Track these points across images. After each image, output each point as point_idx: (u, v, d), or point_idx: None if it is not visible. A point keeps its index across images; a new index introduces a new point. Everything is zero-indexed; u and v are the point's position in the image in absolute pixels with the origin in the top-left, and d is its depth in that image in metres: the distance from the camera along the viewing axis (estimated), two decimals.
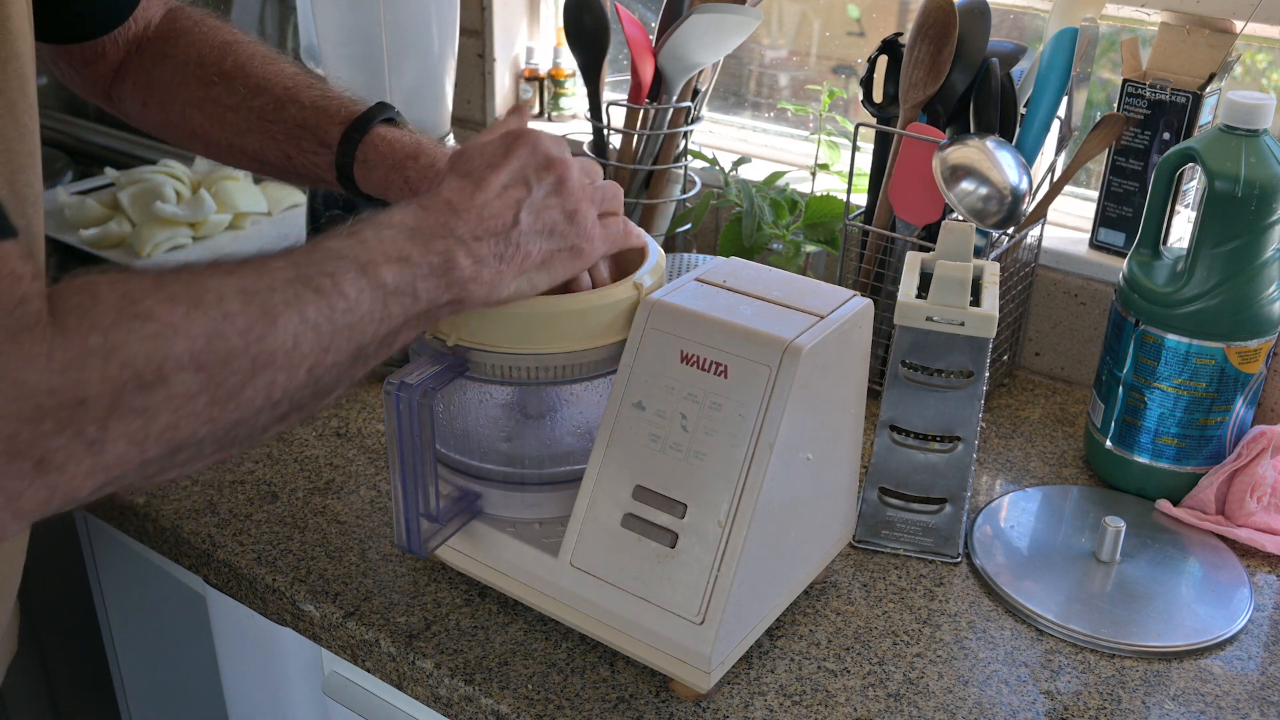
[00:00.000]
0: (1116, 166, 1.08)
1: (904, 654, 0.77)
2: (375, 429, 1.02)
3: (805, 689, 0.74)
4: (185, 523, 0.89)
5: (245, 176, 1.42)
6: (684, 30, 1.06)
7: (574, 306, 0.69)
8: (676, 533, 0.69)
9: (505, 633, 0.78)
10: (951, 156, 0.95)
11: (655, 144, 1.15)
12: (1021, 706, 0.73)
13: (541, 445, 0.77)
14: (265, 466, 0.96)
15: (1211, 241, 0.87)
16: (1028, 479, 0.98)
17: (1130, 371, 0.93)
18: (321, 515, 0.90)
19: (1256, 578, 0.87)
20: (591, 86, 1.16)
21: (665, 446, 0.69)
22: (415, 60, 1.11)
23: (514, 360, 0.70)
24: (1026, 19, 1.19)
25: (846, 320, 0.71)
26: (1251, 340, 0.88)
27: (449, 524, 0.75)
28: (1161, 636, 0.79)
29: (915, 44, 0.99)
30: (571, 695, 0.73)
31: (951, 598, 0.83)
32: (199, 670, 1.07)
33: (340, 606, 0.80)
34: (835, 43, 1.35)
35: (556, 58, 1.48)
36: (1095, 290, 1.11)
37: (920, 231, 1.04)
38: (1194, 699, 0.75)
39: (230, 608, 0.92)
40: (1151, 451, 0.94)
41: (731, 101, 1.43)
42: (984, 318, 0.80)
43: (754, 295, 0.72)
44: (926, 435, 0.84)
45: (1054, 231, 1.15)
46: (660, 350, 0.70)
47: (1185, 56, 1.02)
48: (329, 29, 1.11)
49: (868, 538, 0.88)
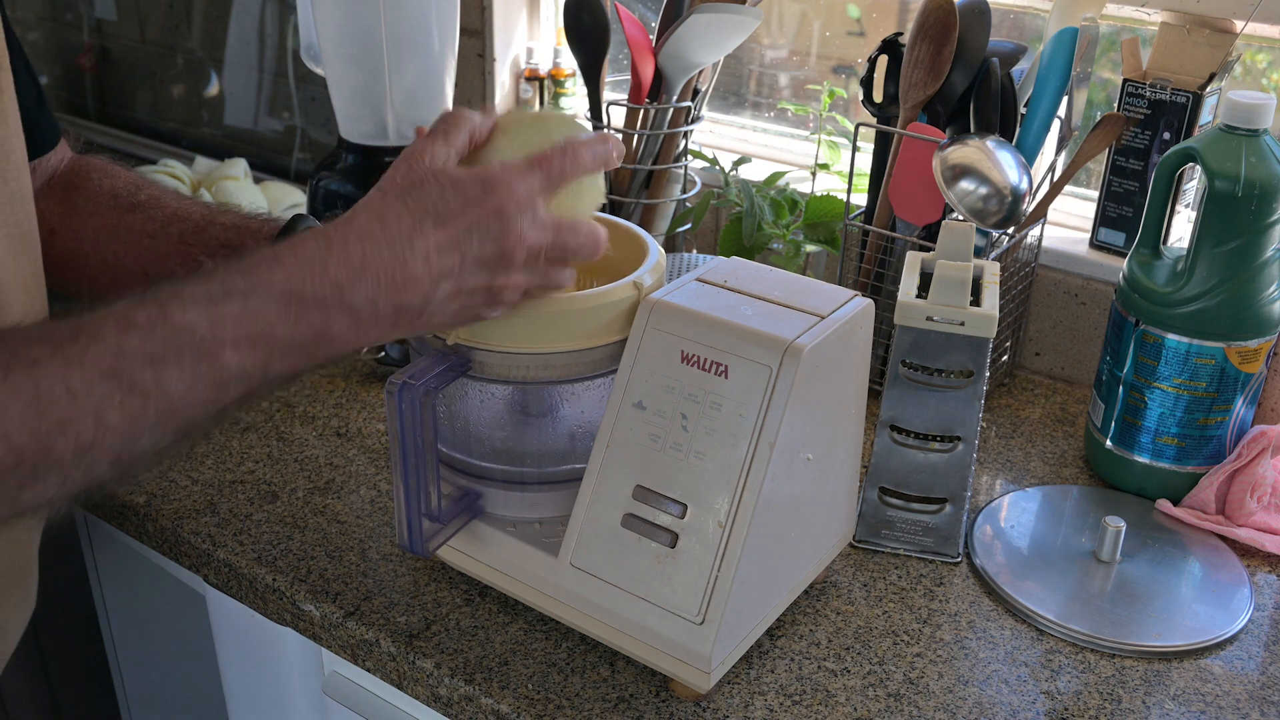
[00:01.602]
0: (1117, 166, 1.08)
1: (904, 654, 0.77)
2: (375, 429, 1.02)
3: (805, 689, 0.74)
4: (185, 523, 0.89)
5: (245, 176, 1.42)
6: (684, 30, 1.06)
7: (575, 306, 0.69)
8: (676, 533, 0.69)
9: (505, 632, 0.78)
10: (951, 156, 0.95)
11: (655, 144, 1.15)
12: (1021, 706, 0.73)
13: (542, 445, 0.77)
14: (265, 466, 0.96)
15: (1212, 241, 0.87)
16: (1028, 479, 0.98)
17: (1130, 371, 0.93)
18: (321, 515, 0.90)
19: (1257, 577, 0.87)
20: (591, 86, 1.16)
21: (665, 446, 0.69)
22: (415, 60, 1.12)
23: (515, 360, 0.69)
24: (1026, 19, 1.19)
25: (847, 320, 0.71)
26: (1252, 340, 0.88)
27: (450, 524, 0.75)
28: (1162, 636, 0.79)
29: (915, 44, 0.99)
30: (571, 695, 0.73)
31: (952, 597, 0.83)
32: (199, 670, 1.07)
33: (340, 606, 0.80)
34: (835, 43, 1.35)
35: (556, 58, 1.48)
36: (1095, 290, 1.11)
37: (920, 231, 1.04)
38: (1194, 699, 0.75)
39: (230, 608, 0.92)
40: (1152, 451, 0.94)
41: (731, 101, 1.43)
42: (984, 318, 0.80)
43: (754, 295, 0.72)
44: (926, 435, 0.84)
45: (1054, 231, 1.15)
46: (660, 350, 0.70)
47: (1185, 56, 1.02)
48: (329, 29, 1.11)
49: (868, 537, 0.88)
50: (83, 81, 1.97)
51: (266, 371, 0.57)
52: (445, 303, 0.61)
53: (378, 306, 0.59)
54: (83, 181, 0.83)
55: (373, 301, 0.58)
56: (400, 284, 0.59)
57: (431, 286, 0.60)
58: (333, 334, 0.58)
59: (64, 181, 0.83)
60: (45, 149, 0.82)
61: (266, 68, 1.70)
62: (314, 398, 1.06)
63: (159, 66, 1.86)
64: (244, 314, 0.56)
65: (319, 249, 0.58)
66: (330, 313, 0.58)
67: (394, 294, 0.59)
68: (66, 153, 0.85)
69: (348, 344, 0.60)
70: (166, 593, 1.05)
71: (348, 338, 0.59)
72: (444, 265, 0.60)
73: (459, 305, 0.62)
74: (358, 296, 0.58)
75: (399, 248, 0.59)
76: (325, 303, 0.57)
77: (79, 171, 0.84)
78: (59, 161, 0.84)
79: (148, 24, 1.84)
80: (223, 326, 0.55)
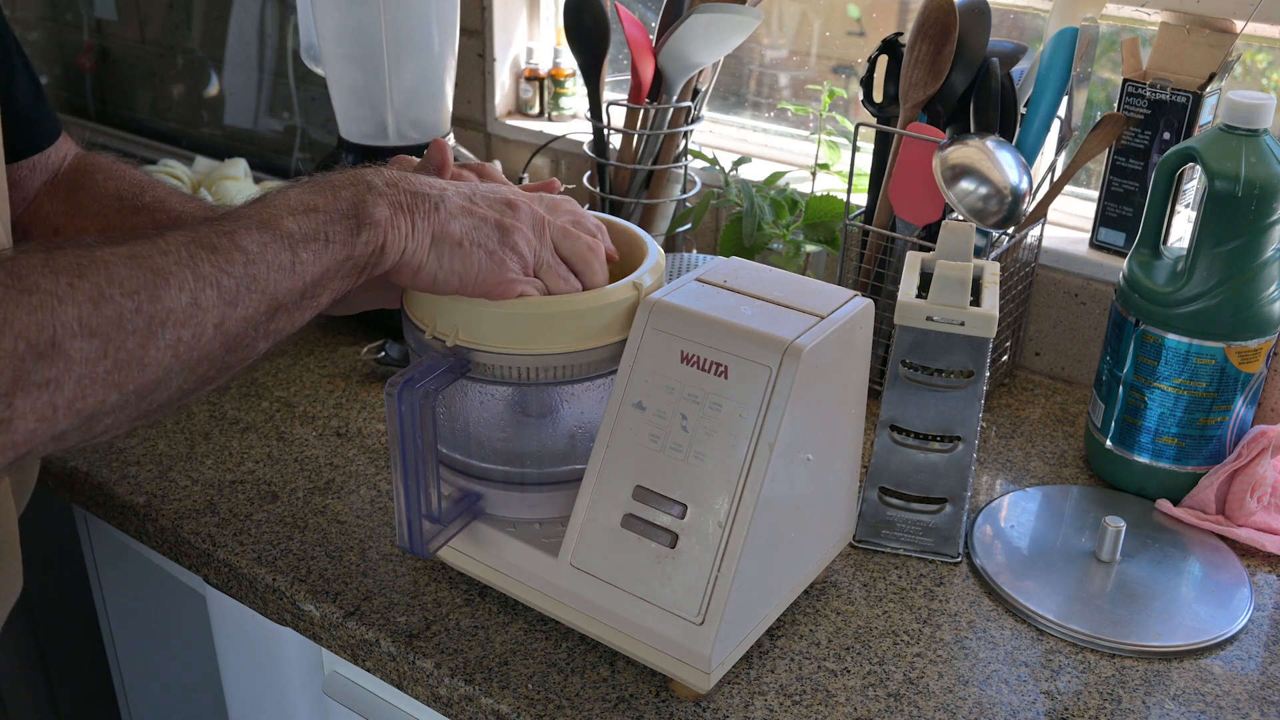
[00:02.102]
0: (1117, 166, 1.08)
1: (904, 654, 0.77)
2: (375, 429, 1.02)
3: (805, 689, 0.74)
4: (185, 523, 0.89)
5: (245, 175, 1.42)
6: (684, 30, 1.06)
7: (575, 307, 0.69)
8: (676, 533, 0.69)
9: (505, 632, 0.78)
10: (951, 156, 0.95)
11: (655, 144, 1.15)
12: (1021, 706, 0.73)
13: (542, 445, 0.77)
14: (265, 466, 0.96)
15: (1212, 241, 0.87)
16: (1028, 479, 0.98)
17: (1130, 371, 0.93)
18: (321, 515, 0.90)
19: (1257, 577, 0.87)
20: (591, 86, 1.16)
21: (665, 447, 0.69)
22: (415, 60, 1.12)
23: (515, 360, 0.69)
24: (1026, 19, 1.19)
25: (847, 320, 0.71)
26: (1252, 340, 0.88)
27: (451, 525, 0.75)
28: (1162, 636, 0.79)
29: (915, 44, 0.99)
30: (571, 695, 0.73)
31: (951, 597, 0.83)
32: (199, 670, 1.07)
33: (340, 606, 0.80)
34: (835, 43, 1.35)
35: (556, 58, 1.48)
36: (1095, 290, 1.11)
37: (920, 231, 1.04)
38: (1194, 699, 0.75)
39: (230, 608, 0.92)
40: (1152, 451, 0.94)
41: (731, 101, 1.43)
42: (984, 318, 0.80)
43: (754, 295, 0.72)
44: (926, 435, 0.84)
45: (1054, 231, 1.15)
46: (660, 350, 0.70)
47: (1185, 56, 1.02)
48: (329, 29, 1.11)
49: (868, 537, 0.88)
50: (83, 81, 1.97)
51: (327, 238, 0.61)
52: (458, 211, 0.66)
53: (398, 188, 0.65)
54: (87, 181, 0.83)
55: (393, 184, 0.65)
56: (414, 181, 0.66)
57: (442, 190, 0.67)
58: (369, 209, 0.63)
59: (69, 180, 0.83)
60: (44, 143, 0.83)
61: (266, 68, 1.70)
62: (314, 398, 1.06)
63: (159, 66, 1.86)
64: (286, 195, 0.62)
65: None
66: (359, 189, 0.63)
67: (409, 185, 0.65)
68: (71, 148, 0.86)
69: (387, 223, 0.63)
70: (166, 593, 1.05)
71: (384, 216, 0.63)
72: (454, 185, 0.68)
73: (472, 222, 0.67)
74: (378, 179, 0.64)
75: (411, 178, 0.67)
76: (354, 182, 0.64)
77: (84, 171, 0.84)
78: (61, 158, 0.84)
79: (148, 24, 1.84)
80: (273, 205, 0.61)
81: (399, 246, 0.64)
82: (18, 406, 0.50)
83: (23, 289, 0.51)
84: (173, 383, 0.56)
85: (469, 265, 0.66)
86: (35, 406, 0.51)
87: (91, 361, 0.52)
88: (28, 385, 0.50)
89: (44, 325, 0.50)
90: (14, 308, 0.50)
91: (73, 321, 0.51)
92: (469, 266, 0.66)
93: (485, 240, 0.67)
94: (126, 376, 0.53)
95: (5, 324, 0.49)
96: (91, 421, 0.54)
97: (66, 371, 0.51)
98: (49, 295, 0.51)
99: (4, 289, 0.50)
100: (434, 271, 0.66)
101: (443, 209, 0.66)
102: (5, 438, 0.50)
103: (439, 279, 0.66)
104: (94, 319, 0.52)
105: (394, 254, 0.64)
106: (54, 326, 0.51)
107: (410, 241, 0.64)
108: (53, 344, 0.50)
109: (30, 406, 0.50)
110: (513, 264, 0.67)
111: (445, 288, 0.67)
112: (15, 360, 0.50)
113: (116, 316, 0.52)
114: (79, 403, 0.52)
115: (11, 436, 0.51)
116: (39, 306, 0.50)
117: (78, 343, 0.51)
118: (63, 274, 0.52)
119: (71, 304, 0.51)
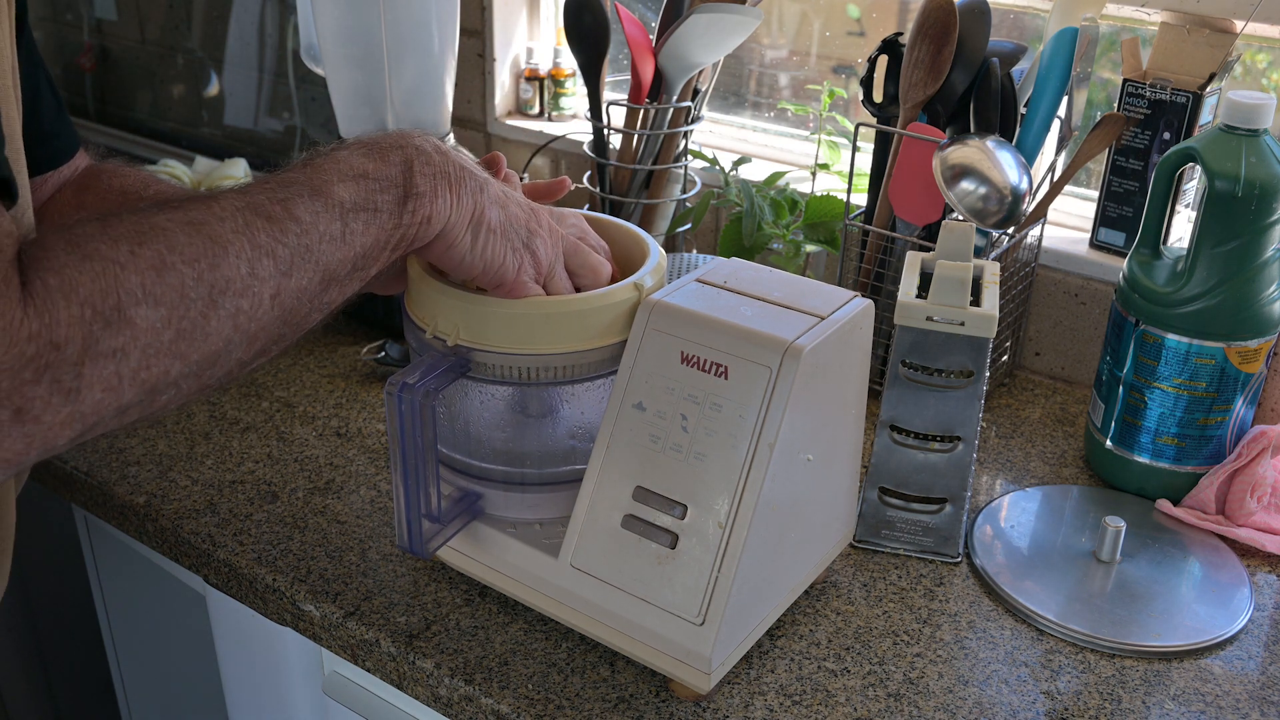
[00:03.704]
0: (1116, 166, 1.08)
1: (904, 654, 0.77)
2: (375, 429, 1.02)
3: (805, 689, 0.74)
4: (185, 523, 0.89)
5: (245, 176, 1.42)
6: (684, 30, 1.06)
7: (575, 307, 0.69)
8: (677, 534, 0.69)
9: (505, 633, 0.78)
10: (951, 156, 0.95)
11: (655, 144, 1.15)
12: (1021, 706, 0.73)
13: (542, 446, 0.77)
14: (265, 466, 0.96)
15: (1211, 241, 0.87)
16: (1028, 479, 0.98)
17: (1130, 371, 0.93)
18: (321, 515, 0.90)
19: (1257, 577, 0.87)
20: (591, 86, 1.16)
21: (665, 447, 0.69)
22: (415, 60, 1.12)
23: (515, 360, 0.70)
24: (1026, 19, 1.19)
25: (847, 321, 0.71)
26: (1252, 340, 0.88)
27: (450, 525, 0.75)
28: (1161, 636, 0.79)
29: (915, 44, 0.99)
30: (571, 695, 0.73)
31: (952, 598, 0.83)
32: (199, 670, 1.07)
33: (340, 606, 0.80)
34: (835, 43, 1.35)
35: (556, 58, 1.48)
36: (1095, 290, 1.11)
37: (920, 231, 1.04)
38: (1194, 699, 0.75)
39: (230, 608, 0.92)
40: (1152, 451, 0.94)
41: (731, 101, 1.43)
42: (984, 318, 0.80)
43: (754, 296, 0.72)
44: (926, 435, 0.84)
45: (1054, 231, 1.15)
46: (661, 351, 0.70)
47: (1185, 56, 1.02)
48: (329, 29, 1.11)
49: (868, 538, 0.88)
50: (83, 81, 1.97)
51: (376, 208, 0.60)
52: (497, 200, 0.66)
53: (447, 158, 0.64)
54: (94, 181, 0.84)
55: (443, 153, 0.63)
56: (462, 157, 0.66)
57: (486, 176, 0.66)
58: (416, 176, 0.62)
59: (77, 183, 0.84)
60: (64, 159, 0.83)
61: (266, 68, 1.70)
62: (314, 398, 1.06)
63: (159, 66, 1.86)
64: (335, 160, 0.61)
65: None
66: (407, 151, 0.62)
67: (458, 158, 0.64)
68: (83, 161, 0.86)
69: (430, 194, 0.62)
70: (166, 593, 1.05)
71: (428, 186, 0.62)
72: (494, 180, 0.67)
73: (506, 215, 0.66)
74: (425, 142, 0.63)
75: (458, 153, 0.66)
76: (400, 144, 0.62)
77: (93, 173, 0.85)
78: (72, 171, 0.84)
79: (148, 24, 1.84)
80: (322, 170, 0.60)
81: (444, 217, 0.63)
82: (86, 375, 0.49)
83: (84, 255, 0.50)
84: (232, 354, 0.56)
85: (496, 255, 0.66)
86: (103, 376, 0.50)
87: (157, 330, 0.51)
88: (96, 354, 0.49)
89: (108, 292, 0.49)
90: (77, 274, 0.49)
91: (136, 289, 0.50)
92: (496, 256, 0.66)
93: (513, 236, 0.67)
94: (190, 346, 0.53)
95: (71, 290, 0.48)
96: (155, 394, 0.53)
97: (133, 340, 0.50)
98: (110, 262, 0.50)
99: (65, 254, 0.49)
100: (464, 251, 0.65)
101: (486, 192, 0.65)
102: (73, 408, 0.49)
103: (466, 260, 0.66)
104: (157, 287, 0.51)
105: (439, 224, 0.63)
106: (118, 293, 0.50)
107: (455, 214, 0.64)
108: (118, 311, 0.50)
109: (98, 376, 0.50)
110: (530, 266, 0.68)
111: (467, 270, 0.66)
112: (84, 326, 0.49)
113: (179, 284, 0.52)
114: (144, 373, 0.51)
115: (79, 407, 0.50)
116: (101, 273, 0.50)
117: (143, 310, 0.50)
118: (122, 241, 0.51)
119: (134, 271, 0.50)
